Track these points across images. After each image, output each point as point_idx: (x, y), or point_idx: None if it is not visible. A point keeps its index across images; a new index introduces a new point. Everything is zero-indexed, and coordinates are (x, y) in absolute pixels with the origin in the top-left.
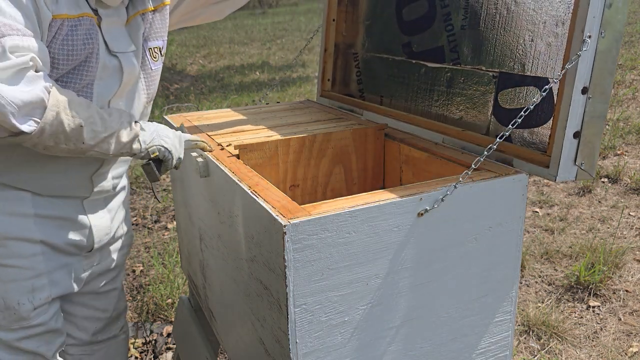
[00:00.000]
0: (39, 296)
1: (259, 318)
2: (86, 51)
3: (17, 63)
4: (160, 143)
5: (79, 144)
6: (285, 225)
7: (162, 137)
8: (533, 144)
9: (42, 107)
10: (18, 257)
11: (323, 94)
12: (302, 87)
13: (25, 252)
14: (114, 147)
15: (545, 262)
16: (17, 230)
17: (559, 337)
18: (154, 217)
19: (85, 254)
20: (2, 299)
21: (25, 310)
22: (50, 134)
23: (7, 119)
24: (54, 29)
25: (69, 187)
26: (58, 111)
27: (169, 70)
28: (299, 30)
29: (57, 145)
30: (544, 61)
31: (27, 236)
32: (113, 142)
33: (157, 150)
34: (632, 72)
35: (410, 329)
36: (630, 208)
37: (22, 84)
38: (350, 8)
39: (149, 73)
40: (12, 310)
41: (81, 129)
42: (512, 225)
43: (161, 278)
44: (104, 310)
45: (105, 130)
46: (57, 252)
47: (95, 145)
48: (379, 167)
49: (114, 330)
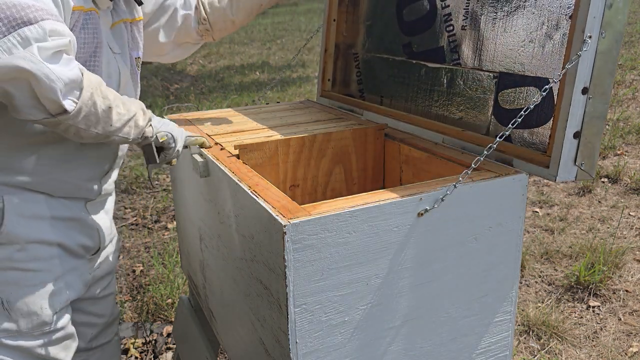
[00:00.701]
0: (59, 299)
1: (259, 318)
2: (95, 44)
3: (58, 44)
4: (167, 129)
5: (108, 126)
6: (285, 225)
7: (167, 124)
8: (533, 144)
9: (79, 87)
10: (38, 260)
11: (323, 94)
12: (302, 87)
13: (44, 255)
14: (134, 130)
15: (545, 262)
16: (36, 233)
17: (559, 337)
18: (154, 217)
19: (90, 257)
20: (25, 304)
21: (47, 314)
22: (85, 114)
23: (56, 95)
24: (73, 20)
25: (81, 188)
26: (92, 92)
27: (169, 70)
28: (299, 30)
29: (87, 129)
30: (544, 61)
31: (45, 239)
32: (133, 126)
33: (165, 135)
34: (632, 72)
35: (410, 329)
36: (630, 208)
37: (60, 64)
38: (350, 8)
39: (135, 80)
40: (35, 315)
41: (110, 110)
42: (512, 225)
43: (161, 278)
44: (100, 316)
45: (127, 113)
46: (70, 254)
47: (120, 128)
48: (379, 167)
49: (108, 336)
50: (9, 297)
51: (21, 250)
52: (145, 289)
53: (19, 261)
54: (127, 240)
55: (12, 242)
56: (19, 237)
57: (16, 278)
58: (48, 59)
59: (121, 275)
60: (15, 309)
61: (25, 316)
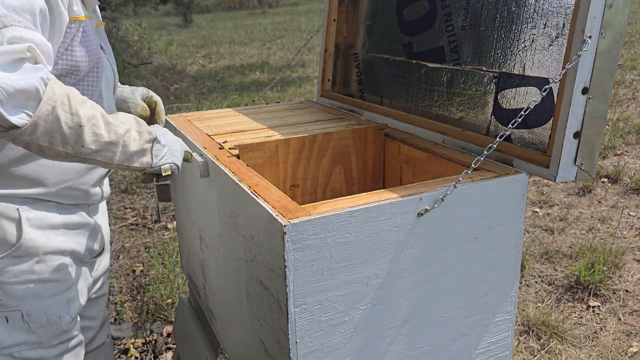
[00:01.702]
0: (74, 306)
1: (259, 318)
2: (98, 52)
3: (13, 50)
4: (172, 160)
5: (78, 147)
6: (285, 225)
7: (174, 151)
8: (533, 144)
9: (36, 98)
10: (56, 271)
11: (323, 94)
12: (302, 87)
13: (61, 265)
14: (119, 156)
15: (545, 262)
16: (53, 243)
17: (559, 337)
18: (154, 217)
19: (92, 260)
20: (45, 315)
21: (65, 322)
22: (45, 131)
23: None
24: (73, 31)
25: (89, 193)
26: (54, 106)
27: (169, 70)
28: (299, 30)
29: (52, 147)
30: (544, 61)
31: (61, 248)
32: (118, 151)
33: (170, 167)
34: (632, 72)
35: (410, 329)
36: (630, 208)
37: (17, 72)
38: (350, 8)
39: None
40: (54, 324)
41: (81, 129)
42: (512, 225)
43: (161, 278)
44: (94, 319)
45: (109, 135)
46: (79, 260)
47: (97, 151)
48: (379, 167)
49: (102, 338)
50: (29, 310)
51: (40, 262)
52: (145, 289)
53: (39, 273)
54: (127, 240)
55: (31, 254)
56: (38, 248)
57: (36, 290)
58: (1, 66)
59: (121, 275)
60: (35, 321)
61: (45, 326)
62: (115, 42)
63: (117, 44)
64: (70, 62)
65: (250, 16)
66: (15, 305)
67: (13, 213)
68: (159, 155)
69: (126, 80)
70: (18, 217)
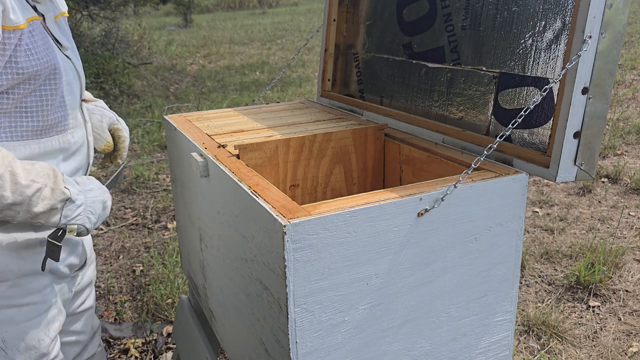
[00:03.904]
0: (53, 327)
1: (259, 318)
2: (48, 55)
3: None
4: (83, 222)
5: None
6: (285, 225)
7: (90, 212)
8: (533, 144)
9: None
10: (32, 293)
11: (323, 94)
12: (302, 87)
13: (38, 286)
14: (21, 215)
15: (545, 262)
16: (28, 265)
17: (559, 337)
18: (154, 217)
19: (73, 274)
20: (22, 341)
21: (44, 346)
22: None
23: None
24: (12, 41)
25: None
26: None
27: (169, 70)
28: (299, 30)
29: None
30: (544, 61)
31: (37, 269)
32: (21, 211)
33: (77, 229)
34: (632, 72)
35: (410, 329)
36: (630, 208)
37: None
38: (351, 8)
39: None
40: (32, 350)
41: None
42: (512, 225)
43: (161, 278)
44: (81, 333)
45: (13, 197)
46: (59, 277)
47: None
48: (379, 167)
49: (92, 349)
50: (4, 336)
51: (14, 286)
52: (145, 289)
53: (13, 297)
54: (127, 240)
55: (4, 279)
56: (11, 272)
57: (11, 315)
58: None
59: (121, 275)
60: (11, 347)
61: (22, 352)
62: (115, 42)
63: (117, 44)
64: (17, 73)
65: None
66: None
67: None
68: (70, 215)
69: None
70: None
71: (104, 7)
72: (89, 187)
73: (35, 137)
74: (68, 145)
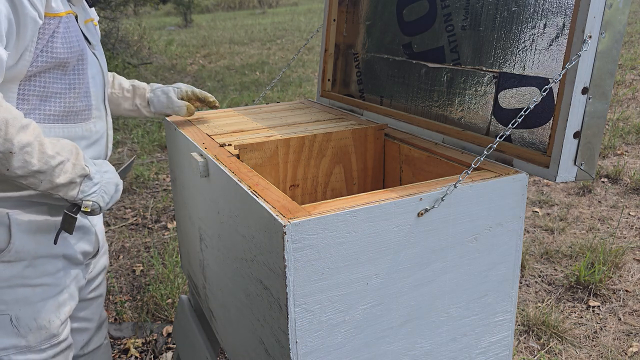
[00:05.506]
0: (64, 310)
1: (259, 318)
2: (80, 47)
3: None
4: (97, 199)
5: (3, 169)
6: (285, 225)
7: (104, 192)
8: (533, 144)
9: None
10: (46, 275)
11: (323, 94)
12: (302, 87)
13: (52, 269)
14: (43, 184)
15: (545, 262)
16: (43, 248)
17: (559, 337)
18: (154, 217)
19: (87, 262)
20: (34, 320)
21: (55, 327)
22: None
23: None
24: (51, 27)
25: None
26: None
27: (169, 70)
28: (299, 30)
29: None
30: (544, 61)
31: (52, 252)
32: (44, 180)
33: (92, 205)
34: (632, 72)
35: (410, 329)
36: (630, 208)
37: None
38: (351, 8)
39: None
40: (43, 329)
41: (10, 155)
42: (512, 225)
43: (161, 278)
44: (89, 320)
45: (38, 165)
46: (72, 264)
47: (23, 176)
48: (379, 167)
49: (100, 340)
50: (18, 314)
51: (30, 267)
52: (145, 289)
53: (29, 277)
54: (127, 240)
55: (21, 259)
56: (28, 253)
57: (26, 294)
58: None
59: (121, 275)
60: (24, 325)
61: (34, 331)
62: (115, 42)
63: (117, 44)
64: (51, 57)
65: (250, 16)
66: (4, 309)
67: (2, 218)
68: (87, 191)
69: None
70: (8, 221)
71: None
72: (105, 169)
73: (60, 121)
74: (90, 133)
